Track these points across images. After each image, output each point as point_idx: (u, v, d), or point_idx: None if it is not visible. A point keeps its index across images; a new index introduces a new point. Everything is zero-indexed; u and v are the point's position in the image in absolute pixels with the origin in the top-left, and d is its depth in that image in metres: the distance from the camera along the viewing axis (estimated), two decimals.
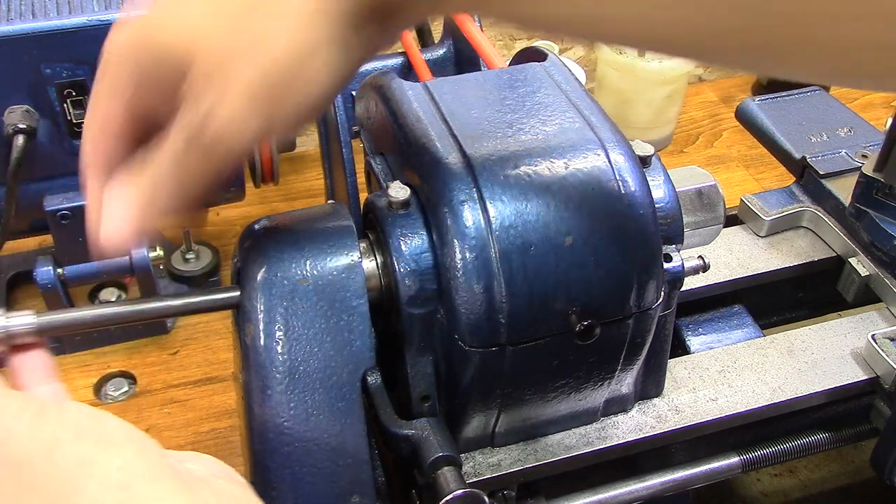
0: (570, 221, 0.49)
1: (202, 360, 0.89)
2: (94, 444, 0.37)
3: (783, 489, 0.79)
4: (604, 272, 0.49)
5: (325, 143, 0.86)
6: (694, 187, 0.57)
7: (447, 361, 0.52)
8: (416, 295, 0.50)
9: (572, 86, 0.56)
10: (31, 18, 0.68)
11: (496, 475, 0.56)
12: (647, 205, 0.50)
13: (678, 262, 0.54)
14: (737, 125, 0.89)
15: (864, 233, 0.71)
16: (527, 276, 0.48)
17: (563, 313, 0.49)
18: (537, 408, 0.55)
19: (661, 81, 1.07)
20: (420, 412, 0.55)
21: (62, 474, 0.36)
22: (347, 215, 0.53)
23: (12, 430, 0.37)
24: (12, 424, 0.37)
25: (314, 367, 0.50)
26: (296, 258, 0.50)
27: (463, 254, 0.48)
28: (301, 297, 0.49)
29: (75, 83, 0.71)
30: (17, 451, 0.37)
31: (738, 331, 0.70)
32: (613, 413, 0.60)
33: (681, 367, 0.64)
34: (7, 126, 0.70)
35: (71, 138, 0.74)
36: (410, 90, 0.55)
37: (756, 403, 0.61)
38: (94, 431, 0.38)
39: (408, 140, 0.52)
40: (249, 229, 0.53)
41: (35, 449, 0.37)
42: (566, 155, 0.50)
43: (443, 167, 0.49)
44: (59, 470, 0.36)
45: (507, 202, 0.48)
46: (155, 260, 0.84)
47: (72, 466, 0.36)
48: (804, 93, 0.86)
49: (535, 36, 1.22)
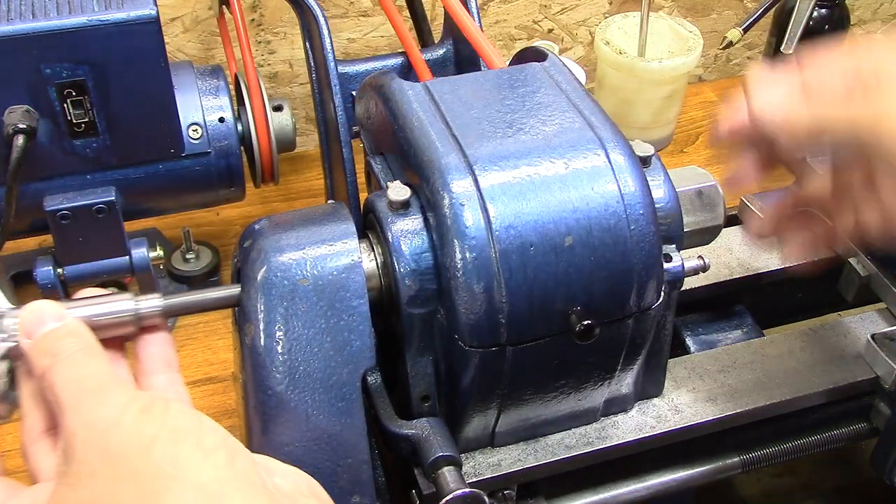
0: (570, 221, 0.49)
1: (202, 360, 0.89)
2: (191, 448, 0.38)
3: (783, 489, 0.79)
4: (604, 272, 0.49)
5: (325, 143, 0.86)
6: (694, 187, 0.57)
7: (447, 361, 0.52)
8: (416, 295, 0.50)
9: (572, 86, 0.56)
10: (31, 18, 0.68)
11: (496, 475, 0.56)
12: (647, 205, 0.50)
13: (678, 262, 0.54)
14: None
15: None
16: (527, 276, 0.48)
17: (563, 313, 0.49)
18: (537, 408, 0.55)
19: (661, 81, 1.07)
20: (420, 412, 0.55)
21: (156, 472, 0.37)
22: (347, 215, 0.53)
23: (118, 422, 0.39)
24: (119, 416, 0.39)
25: (314, 367, 0.50)
26: (296, 258, 0.50)
27: (463, 254, 0.48)
28: (301, 297, 0.50)
29: (75, 83, 0.70)
30: (118, 442, 0.38)
31: (738, 331, 0.70)
32: (613, 413, 0.60)
33: (681, 367, 0.64)
34: (7, 126, 0.70)
35: (71, 138, 0.73)
36: (410, 90, 0.55)
37: (756, 403, 0.61)
38: (192, 435, 0.39)
39: (408, 140, 0.52)
40: (249, 229, 0.53)
41: (135, 444, 0.38)
42: (566, 155, 0.50)
43: (443, 167, 0.49)
44: (154, 467, 0.37)
45: (507, 202, 0.48)
46: (155, 260, 0.84)
47: (167, 466, 0.37)
48: None
49: (535, 36, 1.22)
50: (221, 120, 0.82)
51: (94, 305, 0.47)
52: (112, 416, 0.39)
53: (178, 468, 0.37)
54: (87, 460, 0.38)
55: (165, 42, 0.73)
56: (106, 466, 0.38)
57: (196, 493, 0.37)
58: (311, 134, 1.20)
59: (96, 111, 0.72)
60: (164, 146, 0.78)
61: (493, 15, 1.19)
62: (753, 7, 1.21)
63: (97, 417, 0.39)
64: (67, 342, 0.43)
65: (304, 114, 1.18)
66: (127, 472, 0.37)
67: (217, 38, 1.08)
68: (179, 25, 1.07)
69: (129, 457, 0.38)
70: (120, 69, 0.71)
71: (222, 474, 0.38)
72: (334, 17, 1.12)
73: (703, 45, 1.09)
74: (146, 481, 0.37)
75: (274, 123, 0.87)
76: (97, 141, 0.74)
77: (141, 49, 0.71)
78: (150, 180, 0.80)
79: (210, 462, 0.38)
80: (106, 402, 0.40)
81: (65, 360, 0.42)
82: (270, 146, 0.87)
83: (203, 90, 0.83)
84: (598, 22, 1.20)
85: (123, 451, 0.38)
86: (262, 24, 1.10)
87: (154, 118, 0.76)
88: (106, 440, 0.38)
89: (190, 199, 0.86)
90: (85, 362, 0.42)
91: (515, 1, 1.19)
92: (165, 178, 0.81)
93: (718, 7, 1.30)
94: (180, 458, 0.38)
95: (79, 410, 0.40)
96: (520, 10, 1.20)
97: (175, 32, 1.07)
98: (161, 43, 0.72)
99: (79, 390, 0.40)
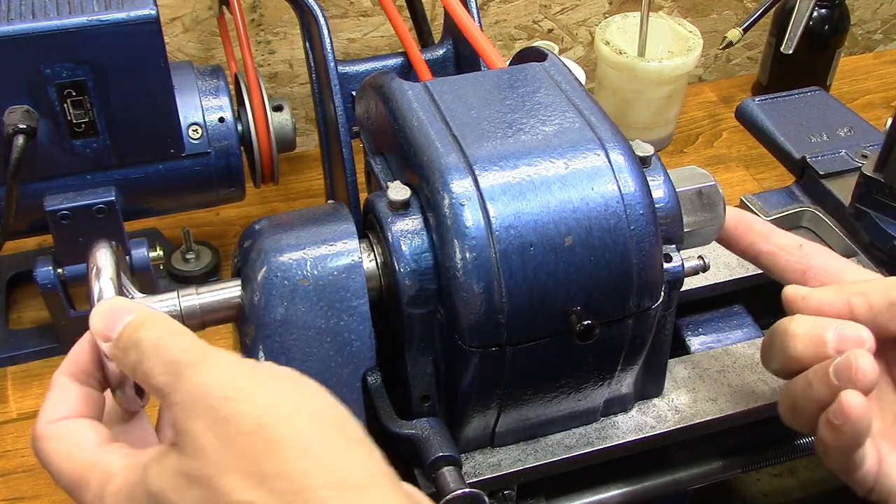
0: (570, 221, 0.49)
1: None
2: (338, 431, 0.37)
3: (783, 489, 0.79)
4: (604, 272, 0.49)
5: (325, 143, 0.86)
6: (694, 187, 0.57)
7: (447, 361, 0.52)
8: (416, 295, 0.50)
9: (572, 86, 0.56)
10: (31, 18, 0.68)
11: (496, 475, 0.56)
12: (647, 205, 0.50)
13: (678, 262, 0.54)
14: (737, 125, 0.89)
15: (864, 233, 0.71)
16: (527, 276, 0.48)
17: (563, 313, 0.49)
18: (537, 408, 0.55)
19: (661, 81, 1.07)
20: (420, 412, 0.55)
21: (301, 446, 0.36)
22: (347, 215, 0.53)
23: (246, 391, 0.38)
24: (247, 386, 0.38)
25: (314, 368, 0.50)
26: (296, 258, 0.50)
27: (463, 254, 0.48)
28: (301, 297, 0.50)
29: (75, 83, 0.70)
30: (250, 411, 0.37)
31: (738, 331, 0.70)
32: (613, 413, 0.60)
33: (681, 367, 0.64)
34: (7, 126, 0.70)
35: (71, 138, 0.73)
36: (410, 90, 0.55)
37: (756, 403, 0.61)
38: (336, 418, 0.38)
39: (408, 140, 0.52)
40: (249, 229, 0.53)
41: (273, 414, 0.37)
42: (566, 155, 0.50)
43: (443, 167, 0.49)
44: (298, 440, 0.36)
45: (507, 202, 0.48)
46: (155, 260, 0.84)
47: (313, 441, 0.36)
48: (804, 93, 0.86)
49: (535, 36, 1.22)
50: (221, 120, 0.82)
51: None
52: (233, 386, 0.38)
53: (325, 448, 0.36)
54: (213, 433, 0.37)
55: (165, 42, 0.73)
56: (237, 436, 0.36)
57: (341, 480, 0.35)
58: (311, 134, 1.20)
59: (96, 111, 0.72)
60: (164, 146, 0.78)
61: (493, 15, 1.19)
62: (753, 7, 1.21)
63: (212, 388, 0.38)
64: (146, 329, 0.42)
65: (304, 114, 1.18)
66: (265, 443, 0.36)
67: (217, 38, 1.08)
68: (179, 25, 1.07)
69: (267, 426, 0.36)
70: (120, 69, 0.71)
71: (367, 467, 0.37)
72: (334, 17, 1.12)
73: (702, 45, 1.09)
74: (289, 457, 0.36)
75: (274, 123, 0.87)
76: (97, 141, 0.74)
77: (141, 49, 0.71)
78: (150, 180, 0.80)
79: (356, 453, 0.37)
80: (216, 370, 0.39)
81: (152, 348, 0.41)
82: (270, 146, 0.87)
83: (203, 90, 0.83)
84: (598, 22, 1.20)
85: (259, 421, 0.36)
86: (262, 24, 1.10)
87: (154, 118, 0.76)
88: (232, 410, 0.37)
89: (190, 199, 0.86)
90: (172, 341, 0.41)
91: (515, 1, 1.19)
92: (165, 178, 0.81)
93: (718, 7, 1.30)
94: (328, 438, 0.37)
95: (185, 384, 0.38)
96: (520, 10, 1.20)
97: (175, 32, 1.07)
98: (161, 43, 0.72)
99: (176, 366, 0.39)
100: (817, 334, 0.51)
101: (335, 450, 0.36)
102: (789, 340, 0.52)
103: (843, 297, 0.53)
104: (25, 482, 0.77)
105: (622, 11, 1.18)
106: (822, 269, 0.56)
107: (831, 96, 0.88)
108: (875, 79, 1.30)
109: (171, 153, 0.79)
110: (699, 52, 1.08)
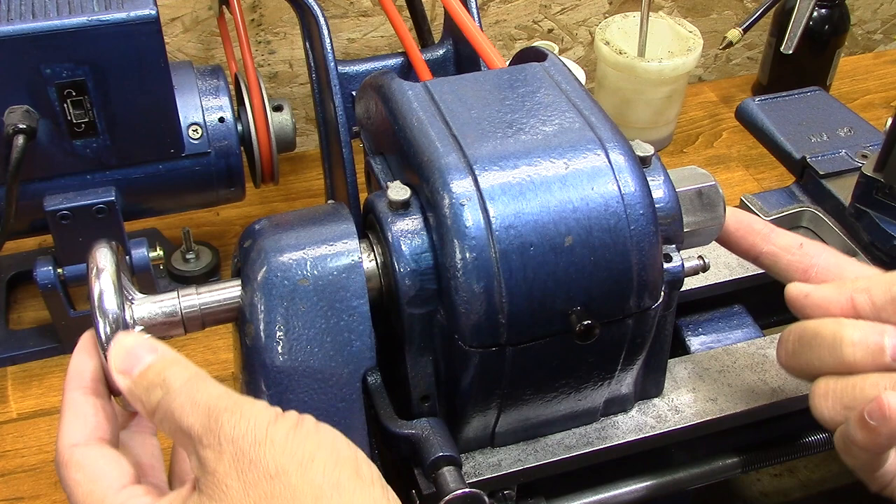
0: (570, 221, 0.49)
1: (202, 360, 0.89)
2: (351, 474, 0.38)
3: (783, 489, 0.79)
4: (604, 272, 0.49)
5: (325, 143, 0.86)
6: (694, 187, 0.57)
7: (447, 361, 0.52)
8: (416, 295, 0.50)
9: (572, 86, 0.56)
10: (31, 18, 0.68)
11: (496, 475, 0.56)
12: (647, 205, 0.50)
13: (678, 262, 0.54)
14: (737, 125, 0.89)
15: (864, 233, 0.71)
16: (527, 276, 0.48)
17: (563, 313, 0.49)
18: (537, 408, 0.55)
19: (661, 81, 1.07)
20: (420, 412, 0.55)
21: (314, 493, 0.37)
22: (347, 215, 0.53)
23: (270, 438, 0.38)
24: (271, 432, 0.39)
25: (314, 368, 0.50)
26: (296, 258, 0.50)
27: (463, 254, 0.48)
28: (301, 297, 0.50)
29: (75, 83, 0.71)
30: (272, 458, 0.38)
31: (738, 331, 0.70)
32: (613, 413, 0.60)
33: (681, 367, 0.64)
34: (7, 126, 0.70)
35: (71, 138, 0.74)
36: (410, 90, 0.55)
37: (756, 403, 0.61)
38: (350, 461, 0.39)
39: (407, 140, 0.52)
40: (249, 229, 0.53)
41: (291, 460, 0.38)
42: (566, 155, 0.50)
43: (443, 167, 0.49)
44: (312, 488, 0.37)
45: (507, 202, 0.48)
46: (155, 260, 0.84)
47: (326, 488, 0.37)
48: (804, 93, 0.86)
49: (535, 36, 1.22)
50: (221, 120, 0.82)
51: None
52: (264, 433, 0.39)
53: (339, 492, 0.37)
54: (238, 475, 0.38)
55: (165, 42, 0.73)
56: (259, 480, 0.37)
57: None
58: (311, 134, 1.20)
59: (96, 111, 0.72)
60: (164, 146, 0.78)
61: (493, 15, 1.19)
62: (753, 7, 1.21)
63: (242, 433, 0.39)
64: (174, 371, 0.42)
65: (304, 114, 1.18)
66: (283, 489, 0.37)
67: (217, 38, 1.08)
68: (179, 25, 1.07)
69: (285, 472, 0.37)
70: (120, 69, 0.71)
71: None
72: (334, 17, 1.12)
73: (702, 45, 1.09)
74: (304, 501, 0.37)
75: (274, 123, 0.87)
76: (97, 141, 0.74)
77: (141, 49, 0.71)
78: (150, 180, 0.80)
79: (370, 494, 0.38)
80: (247, 417, 0.39)
81: (180, 389, 0.41)
82: (270, 146, 0.87)
83: (203, 90, 0.83)
84: (598, 22, 1.20)
85: (279, 468, 0.37)
86: (262, 24, 1.10)
87: (154, 118, 0.76)
88: (258, 455, 0.38)
89: (190, 199, 0.86)
90: (203, 386, 0.42)
91: (515, 1, 1.19)
92: (165, 178, 0.81)
93: (718, 7, 1.30)
94: (342, 482, 0.38)
95: (218, 429, 0.39)
96: (520, 10, 1.20)
97: (175, 32, 1.07)
98: (161, 43, 0.72)
99: (210, 411, 0.40)
100: (876, 341, 0.50)
101: (349, 490, 0.38)
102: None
103: (845, 293, 0.53)
104: (25, 482, 0.77)
105: (622, 11, 1.18)
106: (824, 267, 0.56)
107: (831, 96, 0.87)
108: (875, 79, 1.30)
109: (171, 153, 0.79)
110: (699, 52, 1.08)
